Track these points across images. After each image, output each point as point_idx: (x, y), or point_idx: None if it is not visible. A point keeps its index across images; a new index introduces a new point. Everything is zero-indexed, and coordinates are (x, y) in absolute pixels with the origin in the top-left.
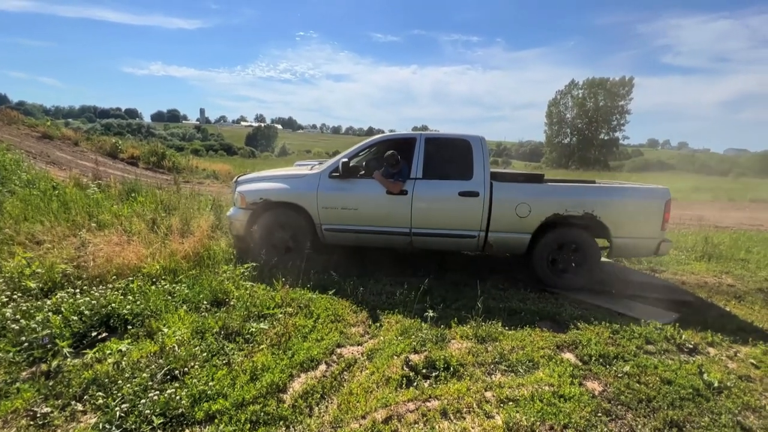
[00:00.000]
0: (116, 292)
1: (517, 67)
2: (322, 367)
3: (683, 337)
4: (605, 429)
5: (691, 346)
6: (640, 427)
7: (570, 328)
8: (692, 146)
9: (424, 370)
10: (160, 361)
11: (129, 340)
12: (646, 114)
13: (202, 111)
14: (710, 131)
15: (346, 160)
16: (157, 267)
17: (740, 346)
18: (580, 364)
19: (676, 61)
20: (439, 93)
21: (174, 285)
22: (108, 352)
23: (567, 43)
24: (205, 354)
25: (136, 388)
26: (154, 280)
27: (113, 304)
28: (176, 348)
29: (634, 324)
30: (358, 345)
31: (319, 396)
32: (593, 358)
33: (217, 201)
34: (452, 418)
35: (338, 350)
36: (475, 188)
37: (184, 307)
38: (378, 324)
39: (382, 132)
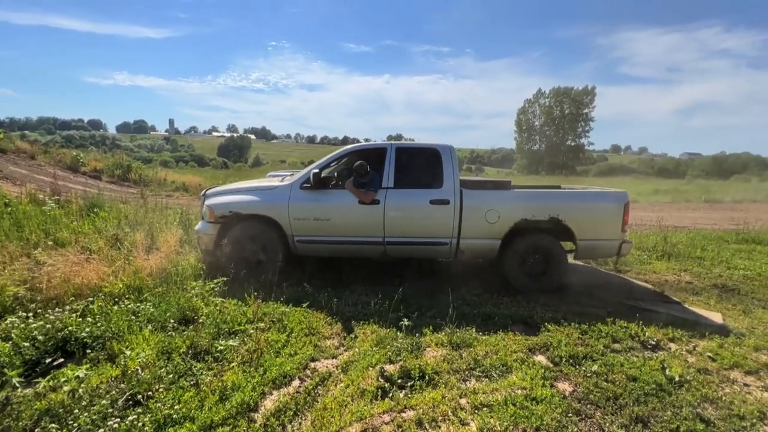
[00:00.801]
0: (74, 315)
1: (486, 76)
2: (296, 382)
3: (647, 334)
4: (575, 429)
5: (654, 343)
6: (608, 424)
7: (541, 330)
8: (651, 151)
9: (399, 380)
10: (122, 385)
11: (87, 365)
12: (608, 121)
13: (171, 121)
14: (667, 137)
15: (317, 170)
16: (120, 286)
17: (698, 340)
18: (551, 365)
19: (633, 72)
20: (413, 102)
21: (138, 304)
22: (63, 379)
23: (533, 54)
24: (171, 376)
25: (94, 417)
26: (116, 299)
27: (70, 327)
28: (140, 371)
29: (601, 324)
30: (333, 358)
31: (292, 413)
32: (564, 359)
33: (186, 214)
34: (427, 427)
35: (312, 364)
36: (445, 196)
37: (150, 326)
38: (353, 335)
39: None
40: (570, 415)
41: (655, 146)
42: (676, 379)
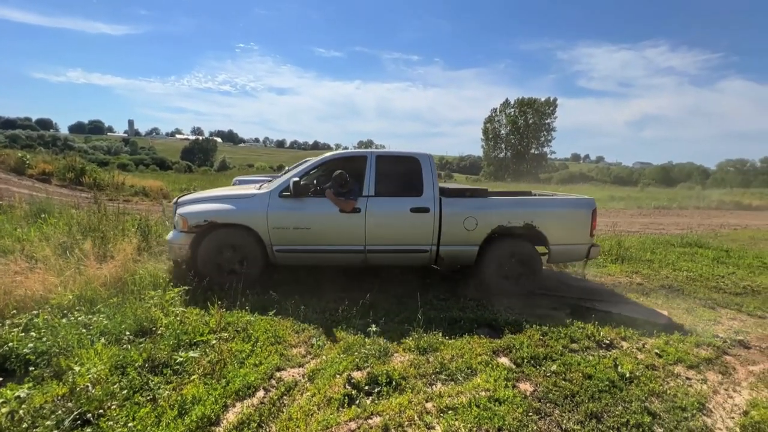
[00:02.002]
0: (15, 329)
1: (455, 85)
2: (260, 393)
3: (602, 333)
4: (535, 427)
5: (608, 342)
6: (565, 421)
7: (505, 333)
8: (608, 160)
9: (366, 387)
10: (70, 404)
11: (30, 384)
12: (569, 131)
13: (130, 122)
14: (621, 147)
15: (297, 179)
16: (70, 297)
17: (647, 338)
18: (513, 367)
19: (590, 85)
20: (383, 108)
21: (90, 316)
22: (2, 400)
23: (499, 65)
24: (125, 391)
25: None
26: (65, 312)
27: (11, 343)
28: (90, 387)
29: (561, 325)
30: (300, 367)
31: (255, 425)
32: (525, 360)
33: (145, 220)
34: None
35: (278, 374)
36: (425, 204)
37: (103, 340)
38: (320, 343)
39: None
40: (530, 414)
41: (611, 155)
42: (627, 375)
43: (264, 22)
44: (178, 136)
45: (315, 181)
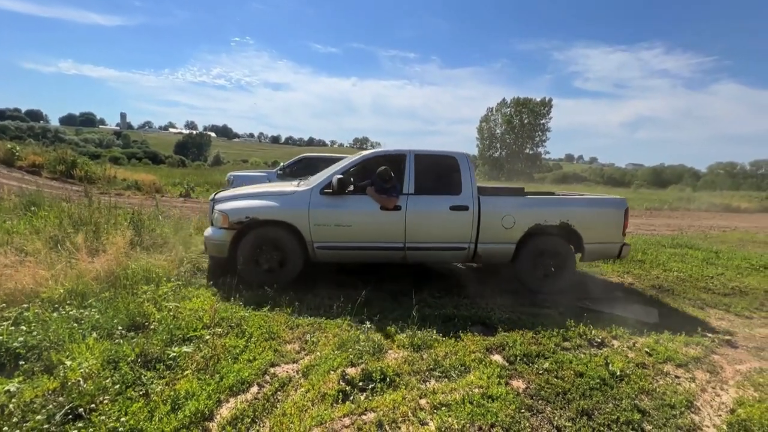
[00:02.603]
0: (5, 323)
1: (451, 84)
2: (254, 389)
3: (593, 332)
4: (527, 424)
5: (599, 340)
6: (556, 418)
7: (498, 331)
8: (601, 161)
9: (360, 383)
10: (61, 398)
11: (20, 378)
12: (563, 131)
13: (123, 115)
14: (615, 148)
15: (341, 176)
16: (61, 291)
17: (638, 337)
18: (506, 364)
19: (585, 86)
20: (379, 106)
21: (82, 310)
22: None
23: (495, 64)
24: (117, 386)
25: None
26: (56, 305)
27: (1, 337)
28: (81, 382)
29: (553, 324)
30: (294, 362)
31: (249, 420)
32: (518, 358)
33: (138, 214)
34: (387, 429)
35: (272, 370)
36: (464, 202)
37: (94, 334)
38: (315, 339)
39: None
40: (523, 411)
41: (604, 156)
42: (618, 373)
43: (260, 16)
44: (171, 129)
45: (352, 179)
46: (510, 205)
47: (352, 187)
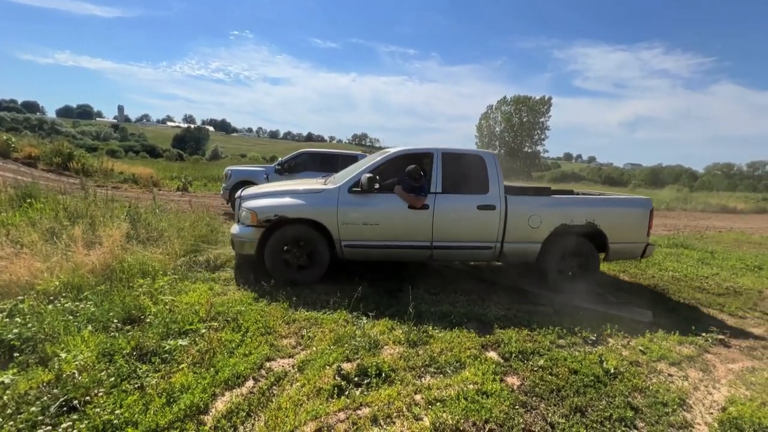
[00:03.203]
0: (0, 315)
1: (451, 81)
2: (249, 383)
3: (588, 330)
4: (521, 420)
5: (594, 338)
6: (550, 415)
7: (494, 328)
8: (599, 160)
9: (356, 378)
10: (55, 391)
11: (15, 370)
12: (562, 130)
13: (120, 108)
14: (613, 147)
15: (370, 174)
16: (56, 283)
17: (632, 335)
18: (501, 361)
19: (585, 85)
20: (378, 102)
21: (77, 303)
22: None
23: (495, 62)
24: (113, 379)
25: (21, 426)
26: (51, 298)
27: None
28: (76, 374)
29: (548, 321)
30: (290, 357)
31: (244, 414)
32: (513, 355)
33: (134, 207)
34: (382, 423)
35: (268, 364)
36: (492, 202)
37: (90, 327)
38: (311, 334)
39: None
40: (517, 407)
41: (603, 156)
42: (612, 371)
43: (259, 10)
44: (169, 123)
45: (377, 177)
46: (537, 204)
47: (376, 186)
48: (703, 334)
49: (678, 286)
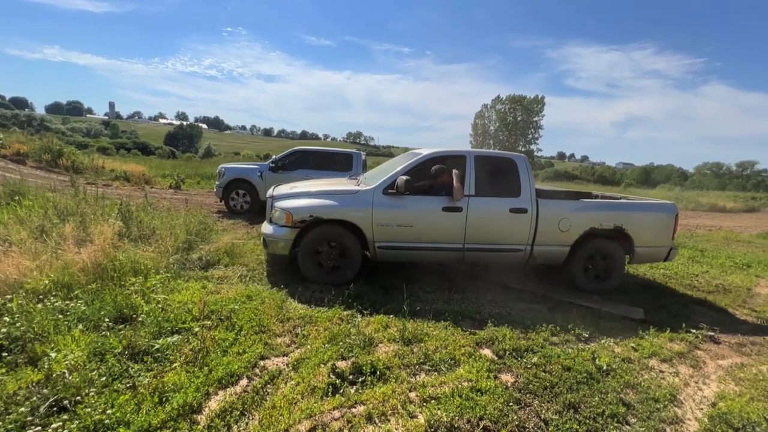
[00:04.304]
0: None
1: (446, 79)
2: (243, 381)
3: (581, 327)
4: (515, 417)
5: (587, 336)
6: (544, 411)
7: (488, 325)
8: (592, 159)
9: (350, 376)
10: (45, 391)
11: (3, 370)
12: (555, 129)
13: (111, 105)
14: (606, 147)
15: (407, 177)
16: (46, 282)
17: (624, 332)
18: (496, 358)
19: (577, 85)
20: (373, 100)
21: (68, 302)
22: None
23: (489, 61)
24: (104, 378)
25: (9, 426)
26: (41, 297)
27: None
28: (67, 374)
29: (542, 319)
30: (284, 356)
31: (238, 413)
32: (507, 352)
33: (126, 204)
34: (377, 421)
35: (262, 362)
36: (524, 205)
37: (80, 326)
38: (305, 332)
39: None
40: (511, 404)
41: (595, 155)
42: (604, 368)
43: (253, 6)
44: (161, 120)
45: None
46: (567, 208)
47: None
48: (694, 330)
49: (669, 284)
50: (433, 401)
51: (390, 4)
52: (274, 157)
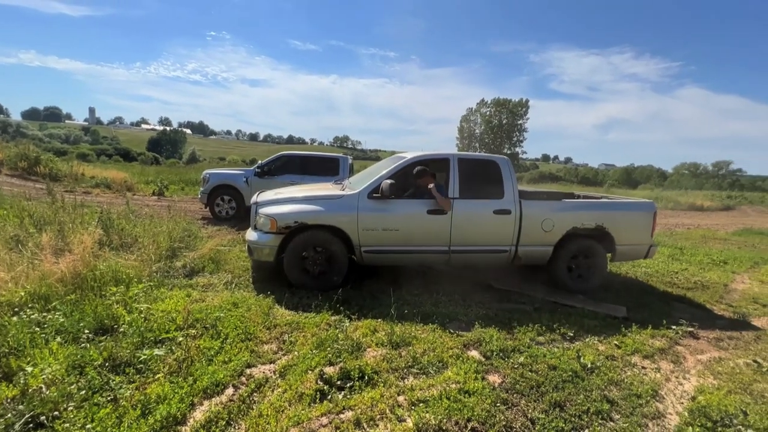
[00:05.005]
0: None
1: (431, 83)
2: (229, 390)
3: (566, 327)
4: (502, 417)
5: (572, 335)
6: (530, 411)
7: (475, 327)
8: (575, 161)
9: (338, 382)
10: (21, 407)
11: None
12: (539, 132)
13: (91, 110)
14: (588, 148)
15: (391, 180)
16: (22, 294)
17: (607, 330)
18: (483, 359)
19: (560, 88)
20: (359, 104)
21: (45, 314)
22: None
23: (474, 65)
24: (83, 392)
25: None
26: (16, 309)
27: None
28: (44, 389)
29: (528, 319)
30: (271, 363)
31: (224, 423)
32: (494, 353)
33: (107, 212)
34: (365, 426)
35: (248, 371)
36: (507, 206)
37: (58, 338)
38: (292, 339)
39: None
40: (498, 404)
41: (579, 156)
42: (589, 365)
43: (237, 10)
44: (144, 126)
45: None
46: (550, 208)
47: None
48: (674, 327)
49: (650, 281)
50: (421, 404)
51: (375, 9)
52: (260, 162)
